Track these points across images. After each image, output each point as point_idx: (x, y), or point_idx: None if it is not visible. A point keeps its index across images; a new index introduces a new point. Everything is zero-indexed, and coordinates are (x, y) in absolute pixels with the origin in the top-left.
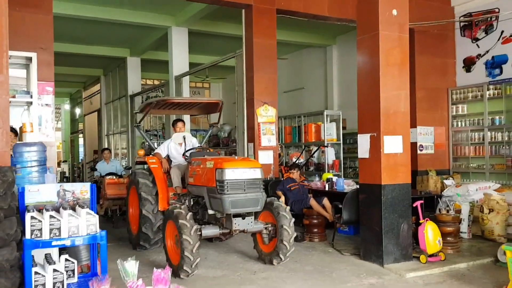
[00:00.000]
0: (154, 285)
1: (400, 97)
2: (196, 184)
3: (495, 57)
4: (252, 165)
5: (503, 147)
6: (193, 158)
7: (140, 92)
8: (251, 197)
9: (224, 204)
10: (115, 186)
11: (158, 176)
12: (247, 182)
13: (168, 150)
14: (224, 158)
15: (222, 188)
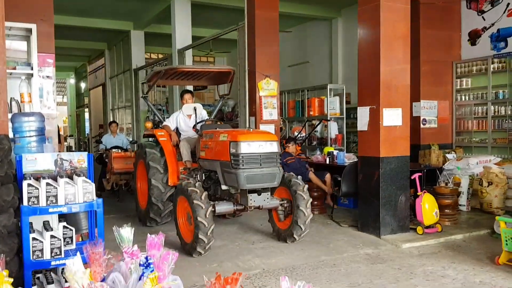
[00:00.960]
0: (148, 250)
1: (401, 70)
2: (208, 158)
3: (501, 30)
4: (269, 138)
5: (506, 121)
6: (205, 131)
7: (144, 66)
8: (268, 172)
9: (239, 179)
10: (122, 160)
11: (167, 150)
12: (263, 156)
13: (177, 123)
14: (239, 131)
15: (237, 163)
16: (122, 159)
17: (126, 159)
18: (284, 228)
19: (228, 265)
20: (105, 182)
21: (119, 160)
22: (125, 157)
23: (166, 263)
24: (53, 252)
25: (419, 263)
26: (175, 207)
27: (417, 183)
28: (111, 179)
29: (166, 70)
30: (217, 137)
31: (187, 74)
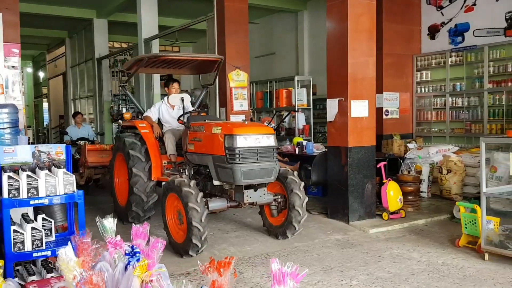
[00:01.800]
0: (133, 239)
1: (367, 63)
2: (197, 152)
3: (458, 25)
4: (266, 131)
5: (462, 112)
6: (193, 123)
7: (108, 55)
8: (265, 167)
9: (235, 175)
10: (97, 153)
11: (150, 142)
12: (260, 150)
13: (159, 113)
14: (233, 123)
15: (232, 157)
16: (97, 152)
17: (101, 152)
18: (277, 224)
19: (204, 253)
20: (77, 176)
21: (93, 153)
22: (100, 150)
23: (155, 251)
24: (34, 244)
25: (385, 247)
26: (164, 203)
27: (382, 172)
28: (85, 173)
29: (149, 57)
30: (209, 129)
31: (170, 62)
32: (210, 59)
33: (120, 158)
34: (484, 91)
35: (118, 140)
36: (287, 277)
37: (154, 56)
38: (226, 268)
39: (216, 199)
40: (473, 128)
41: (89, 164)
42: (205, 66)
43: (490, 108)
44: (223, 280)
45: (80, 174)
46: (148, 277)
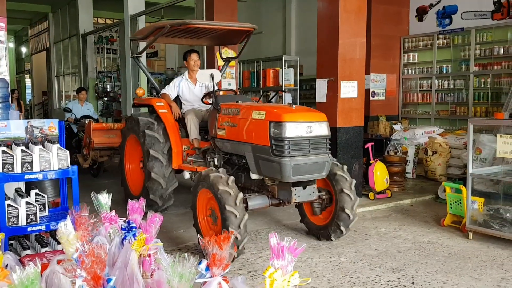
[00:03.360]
0: (129, 214)
1: (357, 43)
2: (230, 138)
3: (446, 7)
4: (319, 118)
5: (448, 94)
6: (224, 104)
7: (93, 32)
8: (317, 161)
9: (283, 170)
10: (103, 132)
11: (169, 124)
12: (312, 140)
13: (179, 90)
14: (280, 107)
15: (281, 149)
16: (103, 131)
17: (108, 131)
18: (319, 224)
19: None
20: (80, 158)
21: (99, 132)
22: (107, 129)
23: (153, 225)
24: (28, 219)
25: (372, 225)
26: (195, 198)
27: (370, 152)
28: (90, 155)
29: (172, 25)
30: (248, 114)
31: (192, 31)
32: (242, 28)
33: (133, 141)
34: (470, 74)
35: (130, 120)
36: (286, 251)
37: (179, 24)
38: (226, 242)
39: (256, 196)
40: (458, 111)
41: (94, 145)
42: (231, 36)
43: (476, 91)
44: (223, 253)
45: (84, 156)
46: (146, 251)
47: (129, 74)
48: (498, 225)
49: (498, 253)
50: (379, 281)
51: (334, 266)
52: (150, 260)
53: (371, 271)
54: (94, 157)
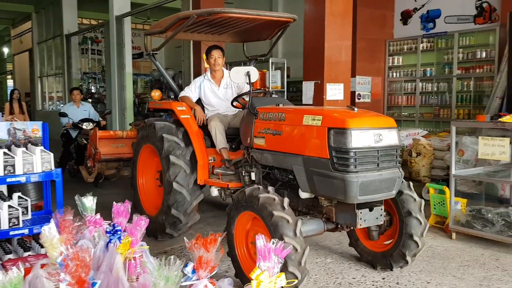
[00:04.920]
0: (114, 217)
1: (343, 46)
2: (272, 149)
3: (430, 11)
4: (388, 124)
5: (432, 97)
6: (261, 108)
7: (77, 32)
8: (388, 176)
9: (349, 189)
10: (111, 141)
11: (193, 132)
12: (382, 151)
13: (200, 92)
14: (340, 111)
15: (345, 162)
16: (111, 140)
17: (116, 140)
18: (377, 251)
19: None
20: (84, 171)
21: (106, 142)
22: (115, 137)
23: (139, 228)
24: (11, 222)
25: None
26: (232, 222)
27: None
28: (95, 168)
29: (199, 14)
30: (297, 119)
31: (219, 24)
32: (283, 18)
33: (147, 152)
34: (453, 77)
35: (144, 127)
36: (272, 253)
37: (208, 12)
38: (213, 244)
39: (308, 220)
40: (442, 113)
41: (101, 157)
42: (262, 30)
43: (459, 94)
44: (210, 256)
45: (89, 169)
46: (131, 254)
47: (114, 75)
48: (480, 225)
49: (480, 252)
50: (365, 281)
51: (320, 267)
52: (135, 263)
53: (356, 272)
54: (100, 170)
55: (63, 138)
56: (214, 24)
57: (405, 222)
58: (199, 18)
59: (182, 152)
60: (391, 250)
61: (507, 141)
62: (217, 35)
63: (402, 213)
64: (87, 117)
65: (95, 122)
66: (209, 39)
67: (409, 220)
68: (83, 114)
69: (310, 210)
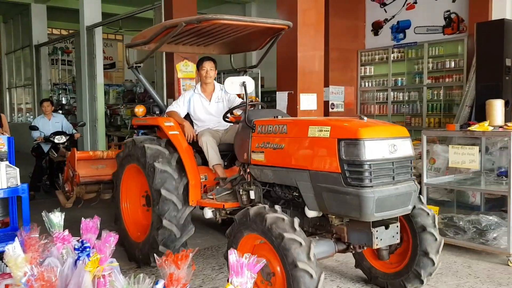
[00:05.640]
0: (83, 234)
1: (315, 56)
2: (273, 165)
3: (400, 22)
4: (402, 133)
5: (403, 106)
6: (259, 120)
7: (47, 43)
8: (404, 190)
9: (364, 205)
10: (90, 163)
11: (183, 150)
12: (397, 163)
13: (189, 107)
14: (349, 120)
15: (359, 176)
16: (90, 161)
17: (96, 162)
18: (388, 271)
19: None
20: (61, 195)
21: (85, 163)
22: (95, 158)
23: (108, 245)
24: None
25: None
26: (233, 244)
27: None
28: (74, 192)
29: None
30: (300, 130)
31: (207, 33)
32: (277, 26)
33: (132, 172)
34: (424, 86)
35: (131, 146)
36: (245, 268)
37: (198, 19)
38: (184, 260)
39: (318, 241)
40: (413, 122)
41: (80, 180)
42: (253, 39)
43: (429, 103)
44: (181, 272)
45: (66, 193)
46: (100, 272)
47: (85, 86)
48: (452, 233)
49: (453, 260)
50: None
51: None
52: (104, 282)
53: (331, 283)
54: (79, 194)
55: (34, 153)
56: (201, 34)
57: (419, 239)
58: (188, 26)
59: (175, 184)
60: (404, 270)
61: (476, 149)
62: (203, 46)
63: (415, 229)
64: (60, 129)
65: (68, 135)
66: (195, 51)
67: (424, 236)
68: (55, 127)
69: (317, 230)
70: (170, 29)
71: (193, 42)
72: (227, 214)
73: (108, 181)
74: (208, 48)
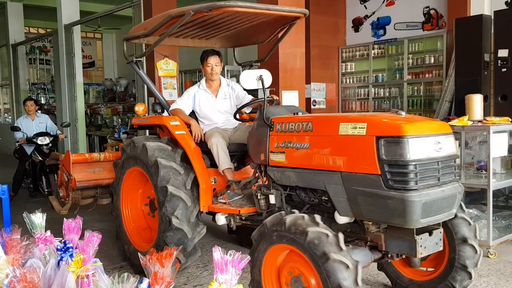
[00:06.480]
0: (65, 234)
1: (297, 53)
2: (297, 166)
3: (380, 18)
4: (445, 129)
5: (384, 102)
6: (277, 118)
7: (24, 42)
8: (450, 193)
9: (410, 210)
10: (86, 166)
11: (191, 151)
12: (442, 163)
13: (194, 104)
14: (387, 116)
15: (403, 178)
16: (86, 165)
17: (92, 164)
18: (418, 279)
19: None
20: (54, 202)
21: (81, 167)
22: (91, 161)
23: (91, 245)
24: None
25: None
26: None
27: None
28: (69, 198)
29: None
30: (330, 127)
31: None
32: (293, 14)
33: (133, 176)
34: (404, 82)
35: (130, 148)
36: (229, 265)
37: (208, 7)
38: (168, 259)
39: (353, 251)
40: None
41: (76, 184)
42: (260, 32)
43: (409, 98)
44: (165, 271)
45: (61, 199)
46: (84, 272)
47: (64, 86)
48: None
49: None
50: None
51: None
52: (88, 282)
53: None
54: (75, 200)
55: (16, 155)
56: (206, 25)
57: (457, 250)
58: (196, 15)
59: (182, 180)
60: (436, 280)
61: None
62: (205, 39)
63: (455, 239)
64: (44, 130)
65: (52, 136)
66: (196, 45)
67: (463, 249)
68: (39, 128)
69: (347, 237)
70: (176, 18)
71: (195, 34)
72: (241, 220)
73: (105, 185)
74: (210, 41)
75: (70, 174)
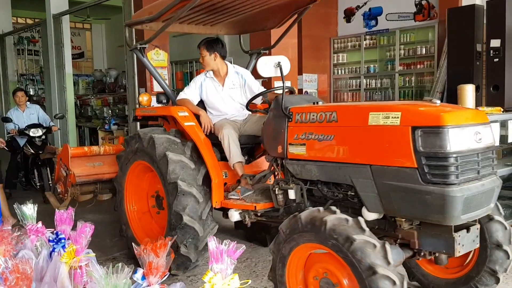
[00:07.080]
0: (57, 225)
1: (289, 44)
2: (320, 159)
3: (372, 9)
4: (482, 119)
5: (376, 93)
6: (296, 108)
7: (12, 32)
8: (488, 187)
9: (451, 206)
10: (85, 160)
11: (202, 144)
12: (482, 155)
13: (201, 93)
14: (423, 105)
15: (443, 171)
16: (85, 158)
17: (92, 158)
18: (444, 277)
19: None
20: (52, 198)
21: (80, 161)
22: (90, 154)
23: (84, 236)
24: None
25: None
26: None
27: None
28: (68, 194)
29: None
30: (358, 117)
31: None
32: None
33: (138, 170)
34: (396, 73)
35: (136, 140)
36: (225, 255)
37: None
38: (163, 249)
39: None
40: None
41: (76, 179)
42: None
43: (401, 89)
44: (160, 261)
45: (59, 195)
46: (77, 263)
47: (53, 77)
48: None
49: None
50: None
51: None
52: (81, 273)
53: None
54: (73, 195)
55: (8, 148)
56: (213, 9)
57: (489, 254)
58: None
59: (193, 175)
60: (462, 280)
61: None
62: (210, 25)
63: (488, 243)
64: (36, 122)
65: (45, 128)
66: (200, 31)
67: (495, 253)
68: (30, 119)
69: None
70: (186, 1)
71: (200, 20)
72: (256, 216)
73: (106, 180)
74: (215, 27)
75: (68, 169)
